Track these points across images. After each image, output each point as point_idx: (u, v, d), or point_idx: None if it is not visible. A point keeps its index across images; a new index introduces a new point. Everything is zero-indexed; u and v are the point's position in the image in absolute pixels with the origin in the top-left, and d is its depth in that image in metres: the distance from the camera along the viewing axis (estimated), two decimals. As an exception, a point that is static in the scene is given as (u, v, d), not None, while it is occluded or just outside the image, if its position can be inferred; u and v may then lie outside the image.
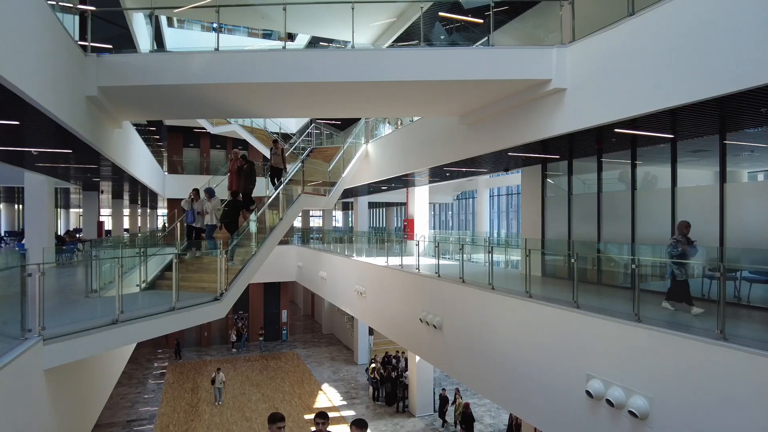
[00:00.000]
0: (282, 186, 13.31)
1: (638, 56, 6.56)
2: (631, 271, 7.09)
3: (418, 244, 13.36)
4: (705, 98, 5.65)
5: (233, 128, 25.08)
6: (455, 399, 17.12)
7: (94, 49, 7.78)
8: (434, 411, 18.24)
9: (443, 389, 18.02)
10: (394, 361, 20.92)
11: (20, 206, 35.13)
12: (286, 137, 25.45)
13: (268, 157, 14.69)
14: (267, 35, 24.71)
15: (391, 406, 18.93)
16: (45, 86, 5.95)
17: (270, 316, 29.12)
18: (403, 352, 21.50)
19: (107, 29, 8.67)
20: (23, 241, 19.05)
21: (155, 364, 24.59)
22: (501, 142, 9.70)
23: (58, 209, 34.58)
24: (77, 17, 8.08)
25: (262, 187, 16.62)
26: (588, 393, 6.58)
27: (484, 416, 17.57)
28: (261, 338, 27.66)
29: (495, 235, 28.95)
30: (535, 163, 12.18)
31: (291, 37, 17.18)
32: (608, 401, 6.24)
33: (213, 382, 19.15)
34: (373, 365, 20.45)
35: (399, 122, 16.76)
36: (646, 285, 8.42)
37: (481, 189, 27.20)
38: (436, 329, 11.08)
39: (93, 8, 8.26)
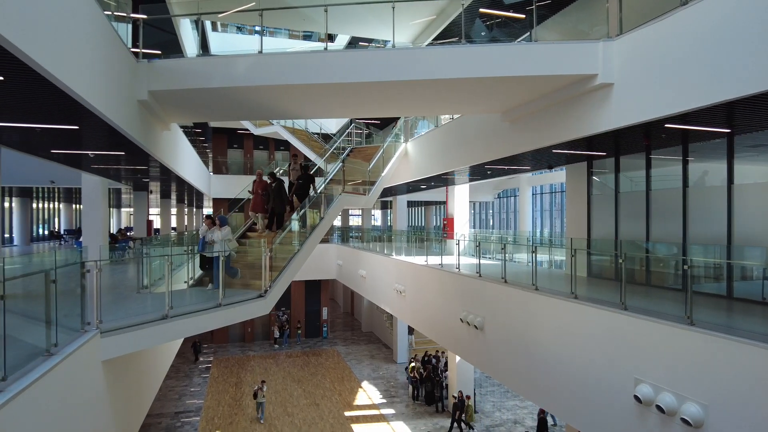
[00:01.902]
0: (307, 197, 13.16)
1: (692, 48, 6.26)
2: (683, 272, 6.79)
3: (458, 244, 13.24)
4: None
5: (275, 129, 25.61)
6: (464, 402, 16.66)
7: (145, 55, 8.11)
8: (474, 411, 18.03)
9: (454, 396, 17.61)
10: (433, 360, 20.84)
11: (77, 206, 37.10)
12: (327, 137, 25.77)
13: (290, 171, 14.02)
14: (307, 36, 25.09)
15: (431, 405, 18.87)
16: (102, 92, 6.25)
17: (311, 314, 29.61)
18: (442, 352, 21.39)
19: (156, 35, 9.03)
20: (80, 239, 20.12)
21: (201, 359, 25.43)
22: (544, 139, 9.49)
23: (111, 209, 36.27)
24: (130, 25, 8.45)
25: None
26: (636, 398, 6.35)
27: (526, 418, 17.26)
28: (298, 331, 28.63)
29: (538, 234, 28.35)
30: (580, 161, 11.84)
31: (331, 37, 17.37)
32: (658, 407, 5.99)
33: (255, 396, 17.71)
34: (412, 364, 20.44)
35: (438, 120, 16.65)
36: (699, 287, 8.05)
37: (523, 187, 26.69)
38: (477, 330, 10.96)
39: (144, 16, 8.63)
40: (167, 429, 16.66)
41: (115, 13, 7.81)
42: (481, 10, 11.54)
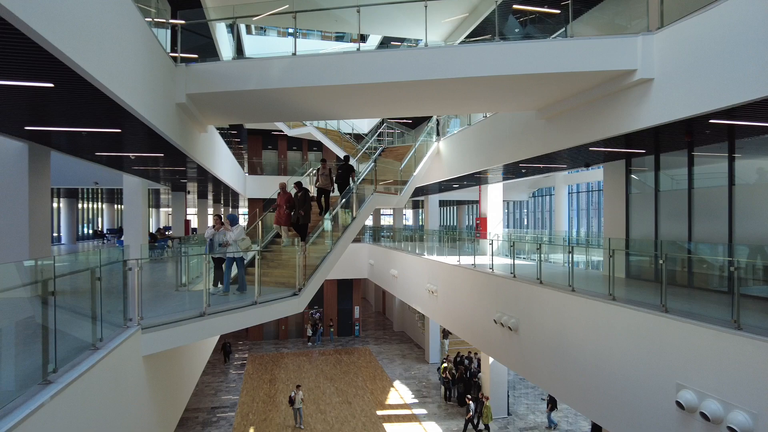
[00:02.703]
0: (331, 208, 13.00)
1: (741, 39, 5.98)
2: (729, 274, 6.51)
3: (491, 243, 13.09)
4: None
5: (308, 130, 25.92)
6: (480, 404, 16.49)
7: (183, 59, 8.35)
8: (508, 414, 17.81)
9: (468, 397, 17.42)
10: (466, 361, 20.67)
11: (119, 206, 38.57)
12: (358, 137, 25.90)
13: (317, 175, 13.51)
14: (339, 37, 25.30)
15: (463, 406, 18.69)
16: (143, 96, 6.47)
17: (343, 312, 29.85)
18: (475, 353, 21.18)
19: (193, 40, 9.27)
20: (122, 238, 20.89)
21: (236, 355, 25.98)
22: (581, 136, 9.28)
23: (150, 209, 37.50)
24: (169, 31, 8.71)
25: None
26: (679, 404, 6.13)
27: (561, 422, 16.91)
28: (331, 329, 29.11)
29: (574, 234, 27.73)
30: (618, 159, 11.52)
31: (363, 38, 17.47)
32: (703, 414, 5.77)
33: (291, 402, 16.99)
34: (445, 365, 20.32)
35: (470, 118, 16.50)
36: (747, 289, 7.70)
37: (558, 186, 26.16)
38: (511, 331, 10.81)
39: (182, 21, 8.88)
40: (203, 424, 17.10)
41: (155, 20, 8.07)
42: (515, 6, 11.37)
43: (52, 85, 5.25)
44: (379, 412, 18.04)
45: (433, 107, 11.81)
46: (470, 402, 16.50)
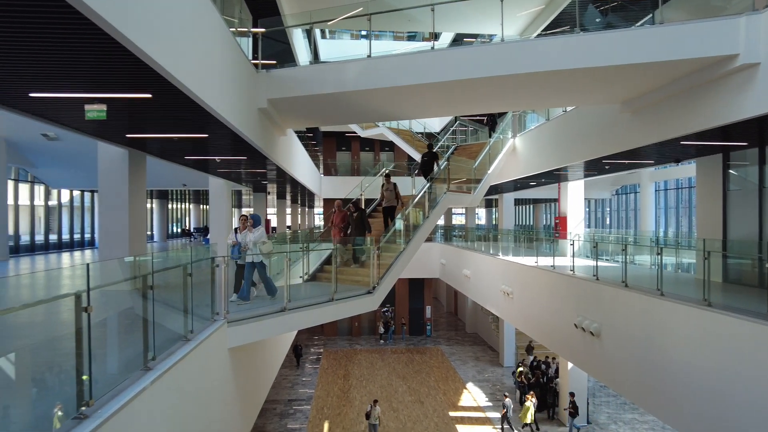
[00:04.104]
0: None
1: None
2: None
3: (572, 244, 12.51)
4: None
5: (381, 131, 26.21)
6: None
7: (263, 66, 8.74)
8: (587, 422, 16.97)
9: (505, 394, 17.64)
10: (543, 366, 19.95)
11: (205, 206, 41.26)
12: (431, 136, 25.80)
13: (383, 193, 13.18)
14: (411, 37, 25.34)
15: (540, 412, 18.07)
16: (228, 103, 6.86)
17: (414, 312, 29.90)
18: (553, 358, 20.38)
19: (272, 46, 9.67)
20: (208, 237, 22.29)
21: (312, 350, 26.85)
22: (672, 130, 8.63)
23: (233, 209, 39.74)
24: (250, 39, 9.16)
25: (407, 187, 17.09)
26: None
27: (648, 435, 15.85)
28: (403, 327, 29.41)
29: (661, 234, 25.88)
30: (713, 153, 10.59)
31: (435, 36, 17.35)
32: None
33: (367, 416, 16.31)
34: (520, 369, 19.76)
35: (548, 113, 15.88)
36: None
37: (644, 183, 24.53)
38: (593, 336, 10.28)
39: (263, 30, 9.30)
40: (281, 415, 17.83)
41: (238, 29, 8.51)
42: (597, -6, 10.80)
43: (150, 95, 5.70)
44: (452, 414, 17.88)
45: (509, 103, 11.52)
46: (522, 399, 16.56)
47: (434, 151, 14.27)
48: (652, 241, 18.34)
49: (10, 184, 19.17)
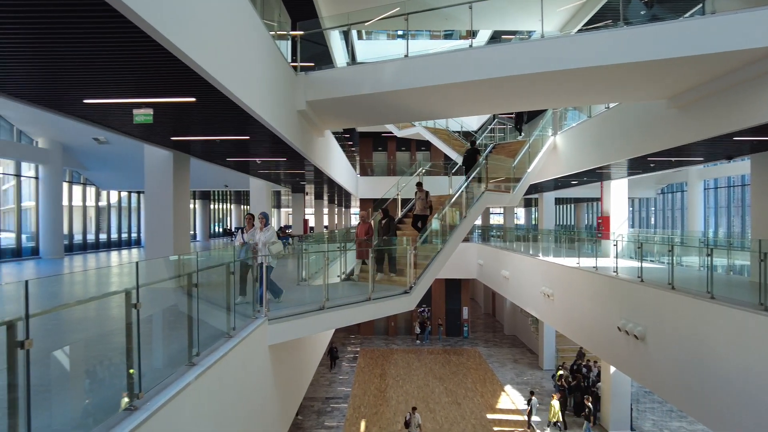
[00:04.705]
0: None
1: None
2: None
3: (615, 244, 12.12)
4: None
5: (417, 131, 26.14)
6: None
7: (302, 68, 8.87)
8: (631, 429, 16.40)
9: (531, 392, 17.68)
10: (584, 369, 19.40)
11: (245, 206, 42.31)
12: (468, 135, 25.55)
13: (415, 198, 12.66)
14: (448, 35, 25.13)
15: (580, 416, 17.60)
16: (269, 106, 7.00)
17: (451, 312, 29.67)
18: (595, 361, 19.80)
19: (310, 48, 9.79)
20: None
21: (348, 348, 27.05)
22: (724, 125, 8.24)
23: (273, 209, 40.54)
24: (289, 42, 9.31)
25: (443, 187, 16.98)
26: None
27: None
28: (440, 328, 29.20)
29: (710, 234, 24.72)
30: (770, 149, 10.06)
31: (472, 34, 17.17)
32: None
33: (407, 425, 15.84)
34: (560, 372, 19.29)
35: (590, 110, 15.44)
36: None
37: (692, 181, 23.50)
38: (637, 340, 9.93)
39: (301, 32, 9.44)
40: (319, 412, 18.05)
41: (278, 33, 8.67)
42: (642, -14, 10.40)
43: (194, 99, 5.88)
44: (490, 416, 17.65)
45: (549, 100, 11.28)
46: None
47: (477, 147, 14.35)
48: (701, 242, 17.56)
49: (65, 186, 20.22)
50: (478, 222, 30.81)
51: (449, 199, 13.09)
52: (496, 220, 41.30)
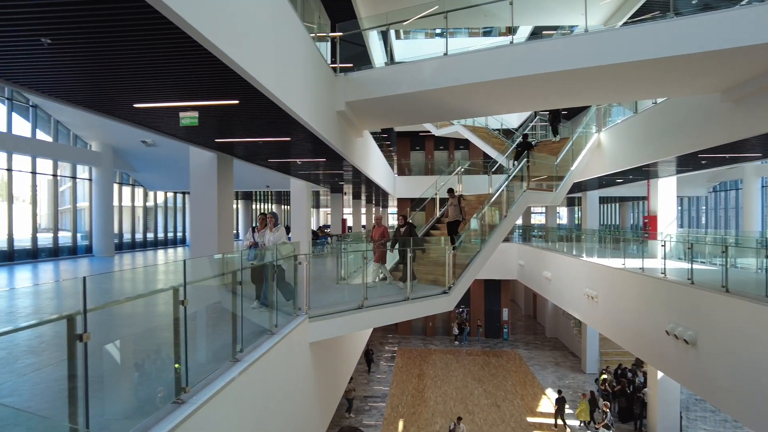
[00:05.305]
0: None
1: None
2: None
3: (663, 245, 11.63)
4: None
5: (456, 129, 25.91)
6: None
7: (341, 69, 8.94)
8: (681, 437, 15.73)
9: (559, 390, 17.79)
10: (629, 374, 18.73)
11: (286, 206, 43.12)
12: (508, 133, 25.14)
13: (446, 205, 12.24)
14: (486, 33, 24.76)
15: (626, 423, 17.02)
16: (309, 107, 7.09)
17: (490, 314, 29.23)
18: (641, 365, 19.08)
19: (349, 49, 9.86)
20: (289, 235, 23.26)
21: (386, 347, 27.10)
22: (786, 119, 7.76)
23: (312, 209, 41.15)
24: (329, 43, 9.41)
25: (482, 186, 16.78)
26: None
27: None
28: (479, 329, 28.82)
29: (768, 234, 23.37)
30: (838, 144, 9.41)
31: (512, 30, 16.86)
32: None
33: None
34: (604, 376, 18.70)
35: (636, 106, 14.89)
36: None
37: (748, 178, 22.28)
38: (687, 344, 9.50)
39: (341, 34, 9.51)
40: (357, 411, 18.15)
41: (318, 35, 8.77)
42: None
43: (237, 102, 6.03)
44: (530, 419, 17.28)
45: (594, 97, 10.95)
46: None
47: (529, 141, 14.61)
48: (759, 243, 16.63)
49: (115, 187, 21.18)
50: (519, 222, 30.28)
51: (489, 199, 12.90)
52: (537, 219, 40.44)
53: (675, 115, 11.76)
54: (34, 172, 17.04)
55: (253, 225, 8.07)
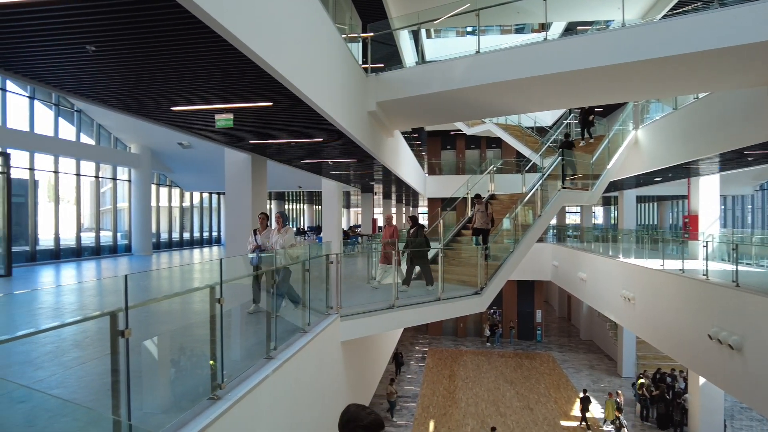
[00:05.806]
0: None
1: None
2: None
3: (705, 246, 11.20)
4: None
5: (488, 127, 25.59)
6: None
7: (372, 70, 8.96)
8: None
9: (584, 389, 17.69)
10: (668, 379, 18.11)
11: (317, 207, 43.61)
12: (542, 131, 24.68)
13: (473, 210, 11.64)
14: (519, 30, 24.37)
15: (665, 430, 16.45)
16: (341, 108, 7.14)
17: (523, 315, 28.75)
18: (681, 371, 18.42)
19: (379, 49, 9.88)
20: (321, 235, 23.50)
21: (416, 348, 27.03)
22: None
23: (343, 209, 41.49)
24: (360, 44, 9.44)
25: (516, 185, 16.54)
26: None
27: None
28: (512, 330, 28.44)
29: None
30: None
31: (544, 27, 16.54)
32: None
33: None
34: (641, 380, 18.13)
35: (676, 102, 14.37)
36: None
37: (799, 176, 21.20)
38: (732, 350, 9.11)
39: (372, 34, 9.54)
40: (388, 410, 18.17)
41: (349, 35, 8.82)
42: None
43: (271, 104, 6.12)
44: (564, 423, 16.93)
45: (631, 93, 10.63)
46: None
47: (570, 140, 14.90)
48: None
49: (153, 187, 21.87)
50: (554, 222, 29.69)
51: (522, 198, 12.69)
52: (572, 219, 39.56)
53: (718, 111, 11.29)
54: (78, 174, 17.77)
55: (254, 228, 7.62)
